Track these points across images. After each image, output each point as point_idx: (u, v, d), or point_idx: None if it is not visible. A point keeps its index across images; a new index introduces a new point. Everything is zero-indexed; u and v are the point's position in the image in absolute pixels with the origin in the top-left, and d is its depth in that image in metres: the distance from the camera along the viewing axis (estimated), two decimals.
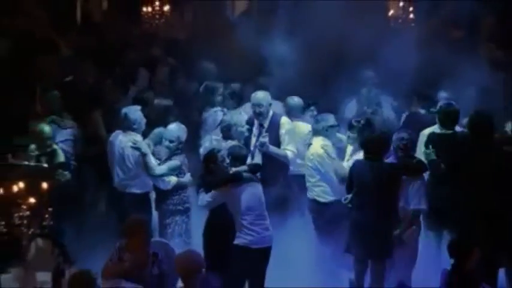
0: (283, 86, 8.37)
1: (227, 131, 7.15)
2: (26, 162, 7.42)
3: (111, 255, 6.32)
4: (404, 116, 8.30)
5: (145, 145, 7.42)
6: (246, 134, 7.23)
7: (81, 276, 5.54)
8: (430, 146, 7.01)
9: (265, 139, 7.05)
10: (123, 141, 7.42)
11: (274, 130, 7.37)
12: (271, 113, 7.45)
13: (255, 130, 7.46)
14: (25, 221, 6.30)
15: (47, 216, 6.56)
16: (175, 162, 7.24)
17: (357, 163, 6.69)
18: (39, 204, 6.45)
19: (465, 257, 5.77)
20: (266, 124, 7.40)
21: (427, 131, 7.23)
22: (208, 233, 6.64)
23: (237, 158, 6.46)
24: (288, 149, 7.24)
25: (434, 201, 6.87)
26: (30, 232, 6.33)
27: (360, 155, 6.66)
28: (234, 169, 6.40)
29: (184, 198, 7.32)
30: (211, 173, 6.51)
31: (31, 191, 6.45)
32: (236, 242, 6.28)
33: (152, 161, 7.37)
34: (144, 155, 7.33)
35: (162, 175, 7.29)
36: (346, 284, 6.79)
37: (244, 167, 6.46)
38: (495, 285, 6.41)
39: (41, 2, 10.93)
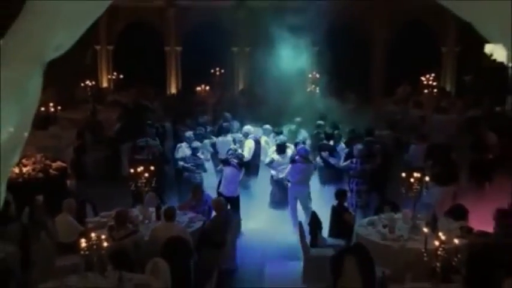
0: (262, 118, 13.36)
1: (234, 140, 12.19)
2: (142, 157, 11.34)
3: (186, 201, 9.96)
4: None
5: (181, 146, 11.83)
6: (243, 141, 12.03)
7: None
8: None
9: (238, 148, 11.70)
10: None
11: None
12: (250, 135, 12.44)
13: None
14: (144, 184, 9.04)
15: (153, 181, 9.34)
16: (184, 152, 11.69)
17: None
18: (150, 176, 9.12)
19: (341, 198, 9.49)
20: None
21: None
22: None
23: (237, 156, 11.24)
24: (243, 153, 11.65)
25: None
26: (146, 189, 9.08)
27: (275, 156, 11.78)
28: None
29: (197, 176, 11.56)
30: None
31: (146, 170, 9.11)
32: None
33: (179, 154, 11.73)
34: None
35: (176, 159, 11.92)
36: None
37: (235, 160, 11.13)
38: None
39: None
